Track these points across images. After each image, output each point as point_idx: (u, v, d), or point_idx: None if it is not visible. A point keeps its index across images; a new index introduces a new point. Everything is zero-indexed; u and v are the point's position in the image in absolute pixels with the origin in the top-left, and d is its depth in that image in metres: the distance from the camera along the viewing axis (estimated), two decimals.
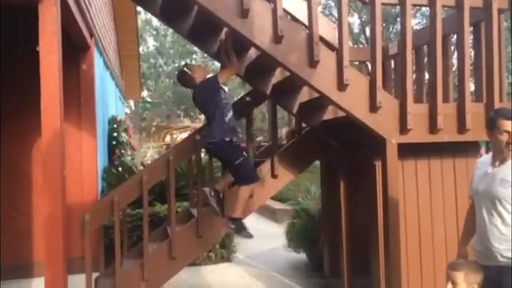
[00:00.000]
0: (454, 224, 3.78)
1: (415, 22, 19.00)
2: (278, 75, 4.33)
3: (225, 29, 4.01)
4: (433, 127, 3.58)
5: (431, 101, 3.65)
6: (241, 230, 3.94)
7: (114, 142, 7.42)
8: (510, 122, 2.52)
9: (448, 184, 3.86)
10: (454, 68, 4.92)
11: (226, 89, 3.89)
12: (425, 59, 4.37)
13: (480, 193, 2.66)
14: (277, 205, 9.95)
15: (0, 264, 5.27)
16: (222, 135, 3.77)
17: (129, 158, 7.76)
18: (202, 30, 4.10)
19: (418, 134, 3.40)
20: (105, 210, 4.04)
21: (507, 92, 4.29)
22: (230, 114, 3.83)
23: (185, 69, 4.01)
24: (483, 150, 2.74)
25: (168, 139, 27.30)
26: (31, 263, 5.70)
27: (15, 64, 5.38)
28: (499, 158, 2.60)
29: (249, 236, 4.00)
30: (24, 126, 5.63)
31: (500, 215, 2.53)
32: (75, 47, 5.76)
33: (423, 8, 16.78)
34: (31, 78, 3.88)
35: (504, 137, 2.53)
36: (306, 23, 3.62)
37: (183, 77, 3.99)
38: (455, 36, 3.98)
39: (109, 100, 8.02)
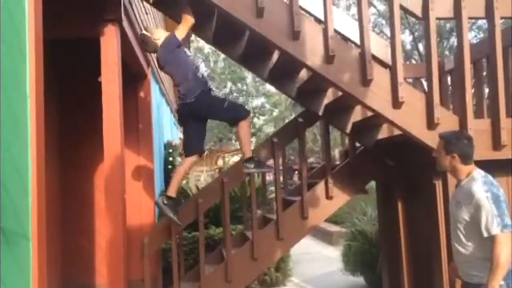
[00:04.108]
0: None
1: (471, 36, 18.40)
2: (330, 95, 4.31)
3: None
4: (496, 143, 3.42)
5: (493, 116, 3.49)
6: (261, 165, 3.80)
7: (169, 166, 7.61)
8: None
9: None
10: None
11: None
12: (484, 73, 4.20)
13: (450, 213, 2.83)
14: (331, 227, 9.75)
15: None
16: (202, 87, 3.63)
17: (184, 181, 7.92)
18: (254, 54, 4.17)
19: (481, 151, 3.24)
20: (163, 233, 4.13)
21: None
22: (201, 68, 3.67)
23: (144, 32, 3.80)
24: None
25: (220, 162, 27.65)
26: (93, 285, 5.90)
27: (76, 93, 5.71)
28: (458, 181, 2.76)
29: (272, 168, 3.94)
30: (86, 152, 5.92)
31: (456, 235, 2.68)
32: (133, 76, 6.03)
33: (479, 21, 16.24)
34: (91, 107, 4.09)
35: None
36: (357, 41, 3.60)
37: (146, 41, 3.75)
38: None
39: (165, 125, 8.27)
